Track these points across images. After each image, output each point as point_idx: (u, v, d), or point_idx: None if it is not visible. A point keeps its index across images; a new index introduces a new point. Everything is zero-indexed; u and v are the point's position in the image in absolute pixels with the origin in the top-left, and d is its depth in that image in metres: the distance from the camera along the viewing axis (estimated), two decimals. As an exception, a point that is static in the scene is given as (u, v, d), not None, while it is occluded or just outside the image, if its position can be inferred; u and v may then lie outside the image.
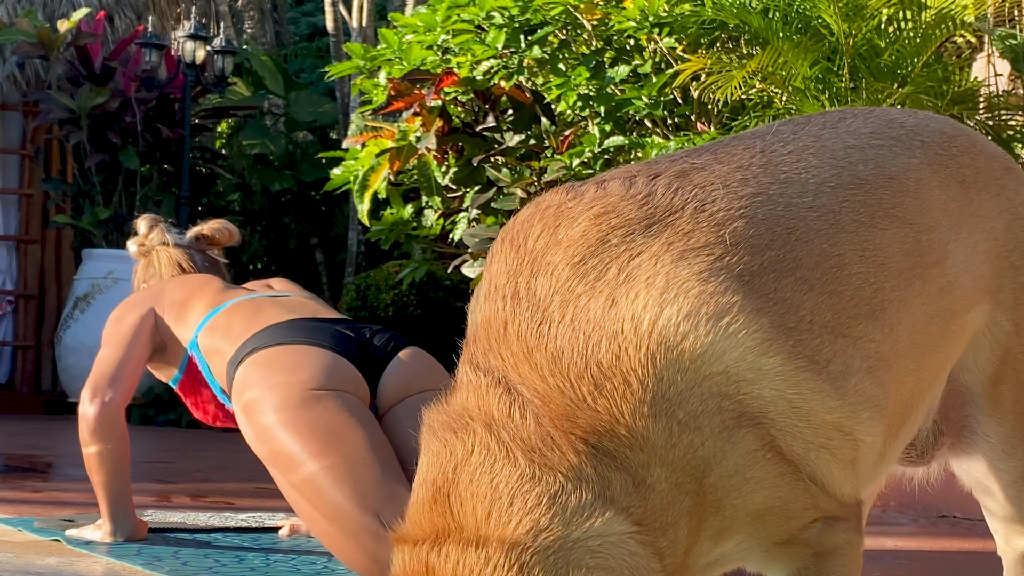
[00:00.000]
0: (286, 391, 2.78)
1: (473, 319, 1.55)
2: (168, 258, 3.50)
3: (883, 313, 1.56)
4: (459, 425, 1.43)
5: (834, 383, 1.47)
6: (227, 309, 3.10)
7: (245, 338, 2.96)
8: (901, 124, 1.76)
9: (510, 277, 1.48)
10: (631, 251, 1.44)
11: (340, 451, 2.70)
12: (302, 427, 2.73)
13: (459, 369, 1.51)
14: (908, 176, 1.67)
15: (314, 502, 2.69)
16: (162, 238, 3.55)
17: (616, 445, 1.38)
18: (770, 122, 1.86)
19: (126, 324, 3.22)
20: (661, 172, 1.54)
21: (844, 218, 1.57)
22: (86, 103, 8.64)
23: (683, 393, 1.39)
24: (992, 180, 1.80)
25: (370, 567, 2.66)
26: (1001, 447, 1.81)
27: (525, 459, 1.38)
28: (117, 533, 3.15)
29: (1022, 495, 1.84)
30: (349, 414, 2.77)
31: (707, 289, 1.42)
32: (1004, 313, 1.77)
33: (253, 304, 3.10)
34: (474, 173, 5.26)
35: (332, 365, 2.84)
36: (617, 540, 1.37)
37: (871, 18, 4.52)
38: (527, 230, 1.51)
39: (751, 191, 1.53)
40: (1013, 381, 1.80)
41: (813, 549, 1.51)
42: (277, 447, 2.74)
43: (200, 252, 3.56)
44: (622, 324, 1.40)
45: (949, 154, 1.76)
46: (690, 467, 1.39)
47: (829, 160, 1.63)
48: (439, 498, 1.40)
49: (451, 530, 1.39)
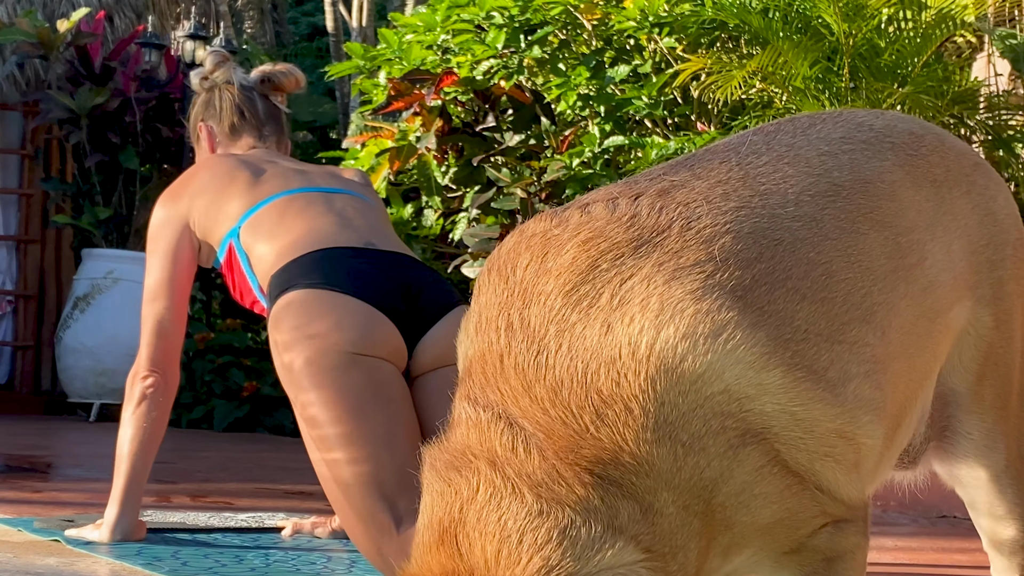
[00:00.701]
0: (325, 347, 2.71)
1: (464, 353, 1.52)
2: (230, 99, 3.37)
3: (874, 316, 1.56)
4: (462, 463, 1.41)
5: (834, 390, 1.47)
6: (274, 207, 3.00)
7: (292, 255, 2.87)
8: (870, 127, 1.77)
9: (502, 309, 1.46)
10: (622, 275, 1.43)
11: (366, 427, 2.66)
12: (334, 391, 2.68)
13: (456, 405, 1.48)
14: (882, 179, 1.68)
15: (332, 471, 2.68)
16: (227, 76, 3.43)
17: (622, 473, 1.37)
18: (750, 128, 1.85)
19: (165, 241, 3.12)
20: (642, 192, 1.53)
21: (826, 225, 1.58)
22: (86, 103, 8.64)
23: (686, 415, 1.38)
24: (962, 177, 1.81)
25: (372, 555, 2.65)
26: (984, 443, 1.82)
27: (532, 495, 1.36)
28: (116, 532, 3.14)
29: (1005, 489, 1.85)
30: (383, 387, 2.72)
31: (702, 307, 1.41)
32: (984, 308, 1.79)
33: (302, 206, 2.99)
34: (474, 173, 5.26)
35: (376, 330, 2.76)
36: (627, 571, 1.36)
37: (871, 18, 4.53)
38: (514, 260, 1.49)
39: (734, 205, 1.53)
40: (995, 376, 1.81)
41: (823, 555, 1.51)
42: (305, 401, 2.71)
43: (263, 97, 3.43)
44: (619, 350, 1.38)
45: (919, 154, 1.77)
46: (697, 489, 1.38)
47: (804, 169, 1.63)
48: (447, 539, 1.38)
49: (461, 572, 1.37)
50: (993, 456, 1.83)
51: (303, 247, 2.88)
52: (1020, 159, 4.90)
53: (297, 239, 2.91)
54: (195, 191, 3.15)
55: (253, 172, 3.14)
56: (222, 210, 3.07)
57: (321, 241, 2.89)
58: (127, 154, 8.83)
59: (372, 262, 2.90)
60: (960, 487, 1.90)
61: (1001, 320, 1.81)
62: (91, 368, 8.25)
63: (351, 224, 2.98)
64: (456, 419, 1.47)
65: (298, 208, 3.00)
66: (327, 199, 3.06)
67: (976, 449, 1.82)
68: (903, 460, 1.86)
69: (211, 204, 3.10)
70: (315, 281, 2.81)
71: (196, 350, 8.23)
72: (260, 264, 2.95)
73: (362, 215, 3.05)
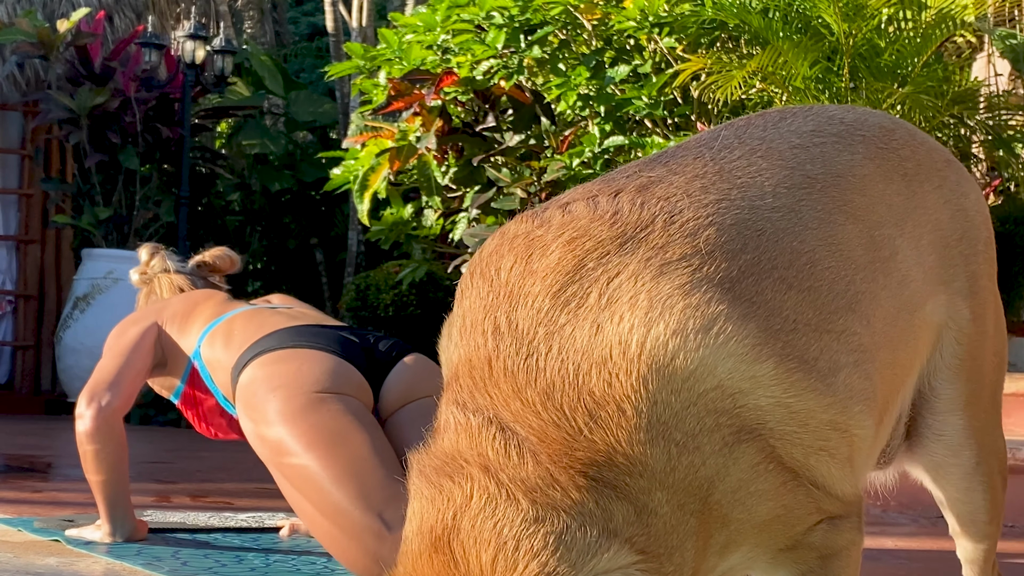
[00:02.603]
0: (290, 393, 2.78)
1: (449, 357, 1.49)
2: (170, 284, 3.51)
3: (859, 305, 1.56)
4: (453, 469, 1.39)
5: (825, 380, 1.46)
6: (229, 319, 3.11)
7: (247, 344, 2.97)
8: (840, 120, 1.77)
9: (488, 311, 1.43)
10: (609, 273, 1.41)
11: (343, 453, 2.70)
12: (307, 429, 2.73)
13: (442, 410, 1.46)
14: (853, 173, 1.67)
15: (316, 503, 2.70)
16: (163, 265, 3.55)
17: (616, 474, 1.35)
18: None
19: (128, 337, 3.23)
20: (622, 189, 1.51)
21: (805, 216, 1.57)
22: (86, 103, 8.64)
23: (679, 414, 1.36)
24: (934, 172, 1.81)
25: (371, 568, 2.66)
26: (956, 440, 1.82)
27: (527, 500, 1.35)
28: (116, 533, 3.15)
29: (975, 487, 1.86)
30: (353, 417, 2.78)
31: (691, 302, 1.39)
32: (963, 301, 1.79)
33: (256, 314, 3.12)
34: (474, 173, 5.26)
35: (336, 369, 2.85)
36: (622, 574, 1.34)
37: (871, 18, 4.52)
38: (498, 262, 1.47)
39: (714, 198, 1.52)
40: (972, 371, 1.81)
41: (819, 551, 1.50)
42: (281, 449, 2.75)
43: (202, 279, 3.57)
44: (610, 350, 1.37)
45: (890, 148, 1.76)
46: (692, 488, 1.37)
47: (778, 162, 1.62)
48: (440, 546, 1.36)
49: None
50: (963, 454, 1.82)
51: (255, 336, 3.00)
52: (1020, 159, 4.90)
53: (250, 335, 3.02)
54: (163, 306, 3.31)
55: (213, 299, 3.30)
56: (185, 328, 3.21)
57: (273, 327, 3.01)
58: (127, 154, 8.82)
59: (326, 328, 3.02)
60: (930, 483, 1.90)
61: (977, 314, 1.81)
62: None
63: (298, 319, 3.10)
64: (443, 424, 1.45)
65: (248, 316, 3.12)
66: (275, 311, 3.20)
67: (947, 448, 1.82)
68: (879, 459, 1.85)
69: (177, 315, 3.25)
70: (273, 346, 2.90)
71: (196, 350, 8.23)
72: (220, 371, 3.04)
73: (309, 314, 3.20)
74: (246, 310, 3.16)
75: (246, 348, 2.96)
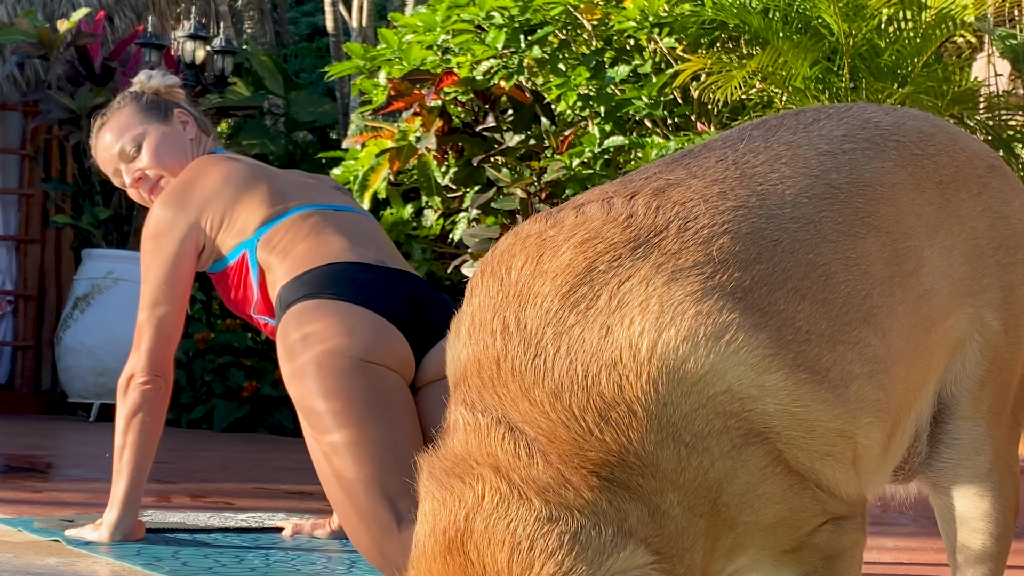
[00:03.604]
0: (335, 351, 2.74)
1: (456, 356, 1.49)
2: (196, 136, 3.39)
3: (875, 318, 1.54)
4: (464, 470, 1.38)
5: (835, 391, 1.46)
6: (287, 222, 3.03)
7: (305, 268, 2.90)
8: (876, 124, 1.73)
9: (497, 311, 1.43)
10: (620, 276, 1.40)
11: (372, 431, 2.68)
12: (342, 395, 2.70)
13: (451, 411, 1.45)
14: (882, 182, 1.64)
15: (335, 471, 2.69)
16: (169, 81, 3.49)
17: (628, 475, 1.35)
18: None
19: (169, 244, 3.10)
20: (638, 191, 1.50)
21: (824, 228, 1.55)
22: (86, 103, 8.64)
23: (688, 416, 1.36)
24: (973, 178, 1.77)
25: (373, 555, 2.66)
26: (972, 446, 1.79)
27: (540, 500, 1.34)
28: (116, 532, 3.15)
29: (984, 494, 1.81)
30: (389, 394, 2.74)
31: (703, 309, 1.39)
32: (992, 312, 1.76)
33: (320, 225, 3.02)
34: (474, 173, 5.25)
35: (386, 340, 2.80)
36: (639, 574, 1.34)
37: (871, 18, 4.52)
38: (509, 261, 1.46)
39: (731, 205, 1.50)
40: (997, 381, 1.78)
41: (824, 553, 1.50)
42: (313, 405, 2.73)
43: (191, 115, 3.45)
44: (620, 352, 1.36)
45: (926, 153, 1.73)
46: (702, 489, 1.37)
47: (802, 170, 1.60)
48: (454, 548, 1.36)
49: None
50: (977, 460, 1.79)
51: (315, 262, 2.93)
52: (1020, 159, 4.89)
53: (309, 255, 2.95)
54: (207, 197, 3.14)
55: (268, 183, 3.16)
56: (237, 221, 3.09)
57: (333, 256, 2.94)
58: (127, 154, 8.82)
59: (384, 278, 2.94)
60: (936, 493, 1.86)
61: (1010, 325, 1.78)
62: (91, 368, 8.25)
63: (361, 242, 3.02)
64: (452, 425, 1.44)
65: (311, 225, 3.03)
66: (338, 217, 3.10)
67: (960, 454, 1.79)
68: (897, 475, 1.84)
69: (226, 212, 3.11)
70: (327, 292, 2.85)
71: (196, 350, 8.22)
72: (270, 277, 2.98)
73: (370, 234, 3.10)
74: (306, 211, 3.06)
75: (303, 273, 2.90)
